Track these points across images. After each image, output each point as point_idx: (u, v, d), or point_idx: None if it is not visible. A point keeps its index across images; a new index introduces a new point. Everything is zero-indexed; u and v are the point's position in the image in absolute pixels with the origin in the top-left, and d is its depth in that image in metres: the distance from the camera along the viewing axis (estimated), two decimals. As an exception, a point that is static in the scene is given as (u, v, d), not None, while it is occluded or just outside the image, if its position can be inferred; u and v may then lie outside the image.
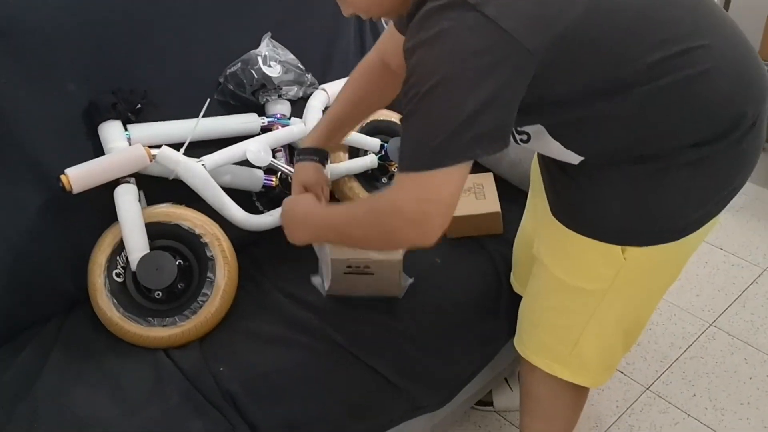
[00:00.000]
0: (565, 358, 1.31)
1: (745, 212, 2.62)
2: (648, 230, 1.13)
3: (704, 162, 1.06)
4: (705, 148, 1.05)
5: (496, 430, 1.86)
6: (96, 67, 1.47)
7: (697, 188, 1.09)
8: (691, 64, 1.00)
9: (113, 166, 1.40)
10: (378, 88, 1.35)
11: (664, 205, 1.10)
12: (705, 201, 1.12)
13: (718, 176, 1.10)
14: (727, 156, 1.08)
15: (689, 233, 1.14)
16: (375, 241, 1.08)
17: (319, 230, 1.19)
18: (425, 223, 0.97)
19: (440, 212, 0.97)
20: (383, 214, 1.01)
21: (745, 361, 2.04)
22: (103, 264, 1.42)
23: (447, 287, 1.54)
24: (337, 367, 1.37)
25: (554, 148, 1.10)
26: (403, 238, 1.02)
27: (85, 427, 1.24)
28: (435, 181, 0.94)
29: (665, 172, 1.07)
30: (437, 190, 0.95)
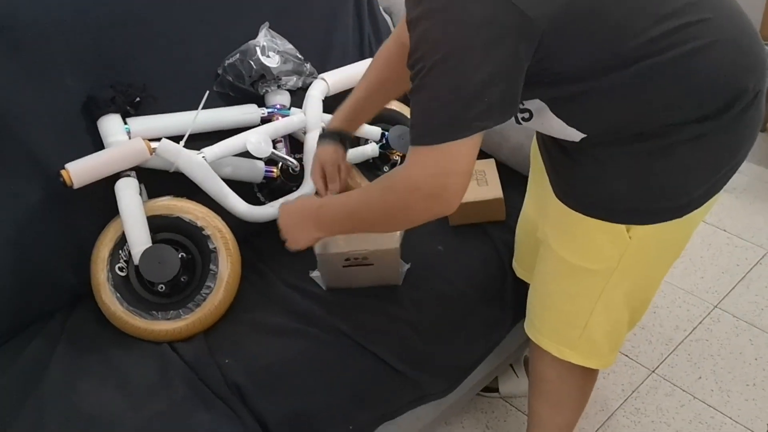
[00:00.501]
0: (574, 341, 1.31)
1: (748, 194, 2.61)
2: (653, 208, 1.13)
3: (706, 138, 1.06)
4: (707, 124, 1.05)
5: (503, 416, 1.87)
6: (94, 61, 1.46)
7: (700, 164, 1.09)
8: (692, 38, 0.99)
9: (113, 160, 1.40)
10: (398, 72, 1.35)
11: (667, 182, 1.10)
12: (708, 177, 1.12)
13: (721, 152, 1.10)
14: (728, 131, 1.08)
15: (693, 209, 1.14)
16: (394, 221, 1.09)
17: (333, 223, 1.19)
18: (444, 196, 0.99)
19: (458, 183, 0.98)
20: (400, 193, 1.02)
21: (750, 342, 2.04)
22: (106, 258, 1.42)
23: (450, 275, 1.54)
24: (342, 357, 1.37)
25: (556, 125, 1.10)
26: (424, 213, 1.03)
27: (93, 421, 1.24)
28: (450, 153, 0.95)
29: (668, 150, 1.07)
30: (453, 162, 0.96)
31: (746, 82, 1.06)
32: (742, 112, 1.07)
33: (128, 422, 1.23)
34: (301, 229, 1.23)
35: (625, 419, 1.84)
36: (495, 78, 0.93)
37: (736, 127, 1.08)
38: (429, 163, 0.97)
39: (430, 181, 0.98)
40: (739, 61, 1.05)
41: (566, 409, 1.49)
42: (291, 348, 1.37)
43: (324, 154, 1.40)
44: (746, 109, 1.07)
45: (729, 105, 1.05)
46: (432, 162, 0.97)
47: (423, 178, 0.98)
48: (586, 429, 1.81)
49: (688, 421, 1.83)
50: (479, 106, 0.93)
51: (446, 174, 0.97)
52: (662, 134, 1.06)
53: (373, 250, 1.38)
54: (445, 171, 0.97)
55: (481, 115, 0.94)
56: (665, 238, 1.19)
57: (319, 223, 1.21)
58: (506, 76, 0.94)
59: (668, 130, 1.05)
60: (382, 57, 1.38)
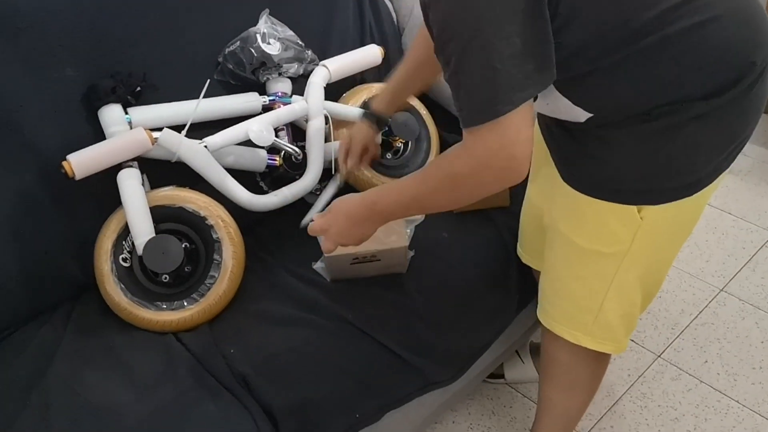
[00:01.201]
0: (589, 326, 1.31)
1: (752, 176, 2.60)
2: (663, 188, 1.13)
3: (714, 114, 1.06)
4: (714, 101, 1.04)
5: (508, 403, 1.87)
6: (94, 50, 1.45)
7: (708, 142, 1.09)
8: (699, 11, 0.99)
9: (115, 151, 1.39)
10: None
11: (677, 161, 1.10)
12: (717, 154, 1.11)
13: (728, 129, 1.10)
14: (735, 107, 1.07)
15: (703, 187, 1.14)
16: (465, 199, 1.10)
17: (392, 215, 1.19)
18: (514, 165, 0.99)
19: (525, 149, 0.98)
20: (471, 175, 1.02)
21: (757, 325, 2.03)
22: (109, 249, 1.41)
23: (455, 261, 1.53)
24: (348, 346, 1.37)
25: (562, 106, 1.10)
26: (497, 186, 1.04)
27: (99, 411, 1.24)
28: (507, 126, 0.96)
29: (676, 128, 1.06)
30: (513, 132, 0.96)
31: (753, 57, 1.05)
32: (749, 88, 1.06)
33: (134, 413, 1.23)
34: (358, 230, 1.21)
35: (632, 404, 1.84)
36: (528, 44, 0.93)
37: (742, 103, 1.08)
38: (490, 139, 0.97)
39: (500, 155, 0.98)
40: (746, 36, 1.04)
41: (578, 393, 1.49)
42: (296, 337, 1.37)
43: (357, 130, 1.53)
44: (752, 85, 1.07)
45: (736, 81, 1.04)
46: (493, 138, 0.97)
47: (490, 156, 0.99)
48: (593, 414, 1.81)
49: (694, 405, 1.83)
50: (519, 75, 0.94)
51: (511, 144, 0.97)
52: (670, 112, 1.05)
53: (383, 249, 1.38)
54: (510, 142, 0.97)
55: (524, 84, 0.95)
56: (677, 217, 1.19)
57: (376, 219, 1.20)
58: (538, 39, 0.95)
59: (675, 108, 1.05)
60: (421, 41, 1.39)
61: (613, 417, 1.81)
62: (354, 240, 1.22)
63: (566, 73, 1.03)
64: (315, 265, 1.50)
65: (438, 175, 1.08)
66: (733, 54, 1.03)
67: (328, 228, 1.22)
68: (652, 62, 1.01)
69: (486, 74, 0.94)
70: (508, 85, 0.94)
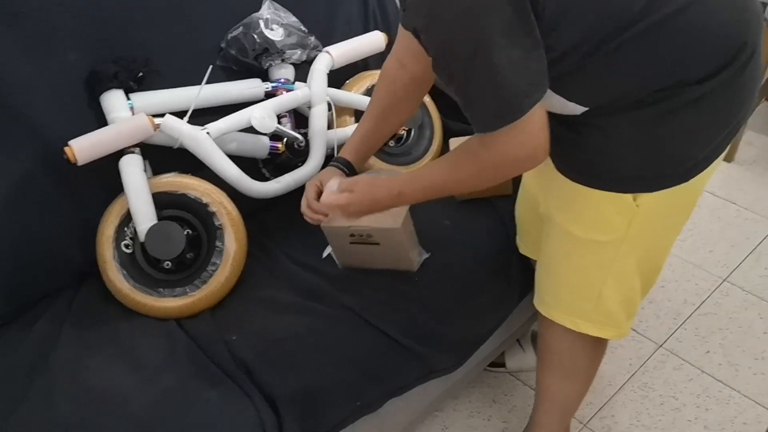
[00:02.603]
0: (589, 313, 1.31)
1: (757, 166, 2.58)
2: (658, 175, 1.13)
3: (706, 99, 1.06)
4: (706, 84, 1.05)
5: (510, 391, 1.87)
6: (96, 36, 1.44)
7: (702, 126, 1.09)
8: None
9: (117, 137, 1.38)
10: (403, 97, 1.38)
11: (671, 147, 1.10)
12: (711, 138, 1.12)
13: (722, 112, 1.10)
14: (727, 90, 1.07)
15: (698, 173, 1.14)
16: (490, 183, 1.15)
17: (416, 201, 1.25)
18: (538, 154, 1.06)
19: (545, 139, 1.05)
20: (500, 167, 1.09)
21: (759, 316, 2.03)
22: (112, 236, 1.41)
23: (457, 250, 1.53)
24: (350, 333, 1.37)
25: (556, 103, 1.10)
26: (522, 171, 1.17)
27: (102, 397, 1.24)
28: (529, 122, 1.01)
29: (669, 114, 1.06)
30: (535, 126, 1.02)
31: (745, 37, 1.05)
32: (740, 70, 1.06)
33: (136, 399, 1.24)
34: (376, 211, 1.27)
35: (633, 393, 1.84)
36: (525, 51, 0.97)
37: (735, 86, 1.08)
38: (517, 135, 1.02)
39: (525, 148, 1.05)
40: (734, 17, 1.04)
41: (576, 380, 1.49)
42: (298, 324, 1.37)
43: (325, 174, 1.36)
44: (743, 67, 1.06)
45: (726, 63, 1.04)
46: (519, 134, 1.02)
47: (518, 150, 1.05)
48: (594, 403, 1.82)
49: (696, 395, 1.83)
50: (524, 82, 0.98)
51: (534, 137, 1.04)
52: (663, 98, 1.05)
53: (377, 228, 1.37)
54: (532, 135, 1.03)
55: (529, 90, 0.99)
56: (673, 204, 1.19)
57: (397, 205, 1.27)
58: (532, 45, 0.97)
59: (669, 94, 1.05)
60: (385, 85, 1.38)
61: (614, 406, 1.81)
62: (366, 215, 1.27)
63: (558, 71, 1.04)
64: (326, 253, 1.50)
65: (467, 166, 1.13)
66: (722, 36, 1.04)
67: (348, 205, 1.26)
68: (640, 51, 1.01)
69: (492, 88, 0.98)
70: (515, 94, 0.98)
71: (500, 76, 0.96)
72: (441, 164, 1.17)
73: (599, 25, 1.00)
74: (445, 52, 1.00)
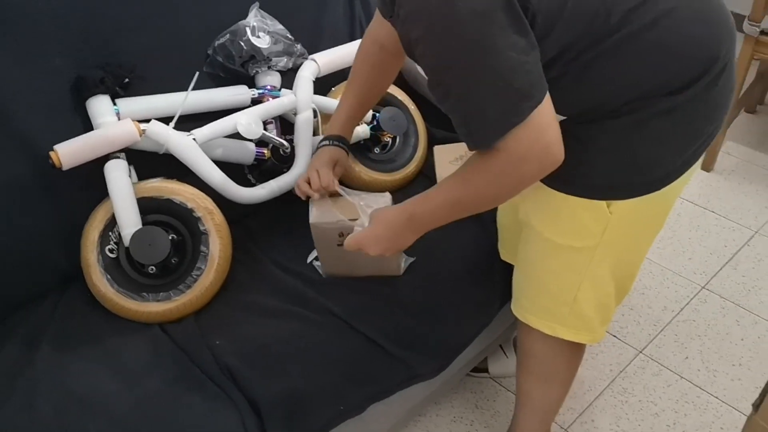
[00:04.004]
0: (564, 318, 1.33)
1: (735, 175, 2.62)
2: (632, 183, 1.16)
3: (679, 110, 1.08)
4: (679, 96, 1.07)
5: (492, 396, 1.89)
6: (83, 41, 1.45)
7: (674, 137, 1.12)
8: (654, 8, 1.02)
9: (103, 142, 1.39)
10: (381, 73, 1.42)
11: (644, 156, 1.13)
12: (684, 149, 1.14)
13: (694, 123, 1.12)
14: (699, 102, 1.10)
15: (671, 182, 1.17)
16: (509, 194, 1.11)
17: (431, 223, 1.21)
18: (553, 152, 1.03)
19: (556, 136, 1.02)
20: (511, 172, 1.05)
21: (737, 322, 2.06)
22: (96, 240, 1.41)
23: (441, 255, 1.54)
24: (333, 338, 1.38)
25: None
26: (539, 175, 1.07)
27: (85, 402, 1.24)
28: (535, 121, 0.99)
29: (643, 124, 1.09)
30: (542, 124, 1.00)
31: (715, 52, 1.08)
32: (712, 82, 1.09)
33: (119, 403, 1.24)
34: (397, 240, 1.24)
35: (613, 399, 1.86)
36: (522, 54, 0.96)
37: (707, 98, 1.10)
38: (525, 137, 1.00)
39: (536, 149, 1.02)
40: (706, 31, 1.07)
41: (555, 385, 1.51)
42: (282, 329, 1.38)
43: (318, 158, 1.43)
44: (716, 79, 1.09)
45: (699, 76, 1.07)
46: (527, 135, 1.00)
47: (529, 151, 1.01)
48: (575, 408, 1.84)
49: (674, 400, 1.85)
50: (525, 85, 0.97)
51: (543, 135, 1.01)
52: (637, 109, 1.08)
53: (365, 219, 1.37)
54: (541, 134, 1.01)
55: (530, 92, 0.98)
56: (646, 212, 1.21)
57: (416, 229, 1.22)
58: (530, 47, 0.98)
59: (642, 105, 1.07)
60: (364, 62, 1.42)
61: (594, 411, 1.83)
62: (395, 249, 1.25)
63: None
64: (310, 259, 1.51)
65: (478, 177, 1.09)
66: (694, 50, 1.06)
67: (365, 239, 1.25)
68: (616, 62, 1.04)
69: (492, 93, 0.97)
70: (516, 97, 0.97)
71: (501, 79, 0.96)
72: (450, 180, 1.13)
73: (580, 36, 1.02)
74: (442, 61, 0.99)
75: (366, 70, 1.43)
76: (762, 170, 2.65)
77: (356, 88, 1.46)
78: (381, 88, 1.50)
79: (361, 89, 1.46)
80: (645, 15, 1.02)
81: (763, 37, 2.35)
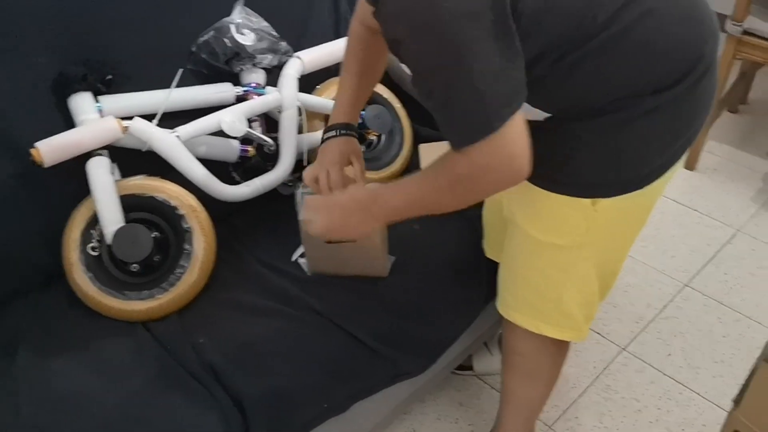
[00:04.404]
0: (549, 315, 1.33)
1: (719, 174, 2.65)
2: (615, 181, 1.16)
3: (663, 109, 1.09)
4: (663, 95, 1.08)
5: (476, 394, 1.89)
6: (65, 37, 1.44)
7: (658, 136, 1.12)
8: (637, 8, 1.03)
9: (85, 139, 1.38)
10: (375, 53, 1.38)
11: (627, 155, 1.13)
12: (666, 147, 1.15)
13: (677, 123, 1.13)
14: (683, 102, 1.11)
15: (654, 180, 1.17)
16: (472, 199, 1.11)
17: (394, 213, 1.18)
18: (516, 165, 1.02)
19: (525, 151, 1.01)
20: (473, 178, 1.04)
21: (719, 320, 2.08)
22: (78, 238, 1.40)
23: (426, 253, 1.55)
24: (318, 336, 1.38)
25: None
26: (502, 185, 1.06)
27: (67, 400, 1.23)
28: (505, 136, 0.98)
29: (627, 123, 1.09)
30: (514, 138, 1.00)
31: (698, 52, 1.08)
32: (696, 82, 1.10)
33: (102, 402, 1.23)
34: (357, 223, 1.21)
35: (597, 396, 1.87)
36: (505, 59, 0.96)
37: (690, 98, 1.11)
38: (497, 147, 0.99)
39: (505, 161, 1.01)
40: (690, 32, 1.08)
41: (540, 382, 1.52)
42: (266, 327, 1.37)
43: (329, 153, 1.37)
44: (699, 79, 1.10)
45: (682, 76, 1.08)
46: (495, 148, 0.99)
47: (497, 161, 1.01)
48: (559, 405, 1.85)
49: (657, 397, 1.87)
50: (505, 91, 0.97)
51: (514, 148, 1.01)
52: (621, 108, 1.08)
53: None
54: (513, 148, 1.00)
55: (510, 99, 0.98)
56: (630, 209, 1.22)
57: (377, 216, 1.20)
58: (513, 53, 0.97)
59: (626, 104, 1.08)
60: (357, 45, 1.38)
61: (578, 408, 1.84)
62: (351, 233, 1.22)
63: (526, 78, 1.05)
64: (295, 256, 1.51)
65: (441, 178, 1.09)
66: (678, 50, 1.07)
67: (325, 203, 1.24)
68: (602, 61, 1.04)
69: (474, 98, 0.96)
70: (497, 103, 0.96)
71: (482, 84, 0.95)
72: (418, 175, 1.13)
73: (567, 35, 1.02)
74: (425, 62, 0.98)
75: (360, 49, 1.38)
76: (744, 169, 2.67)
77: (354, 69, 1.39)
78: (378, 69, 1.42)
79: (359, 69, 1.39)
80: (631, 14, 1.02)
81: (745, 37, 2.37)
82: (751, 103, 3.04)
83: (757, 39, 2.36)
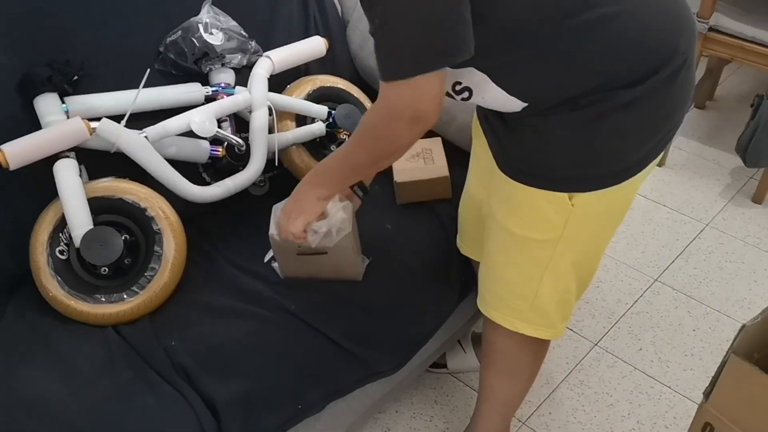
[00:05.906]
0: (525, 313, 1.34)
1: (686, 169, 2.68)
2: (592, 175, 1.17)
3: (638, 103, 1.10)
4: (637, 89, 1.09)
5: (451, 392, 1.90)
6: (29, 37, 1.41)
7: (634, 130, 1.13)
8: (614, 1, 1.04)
9: (51, 141, 1.36)
10: None
11: (604, 149, 1.14)
12: (643, 142, 1.16)
13: (654, 118, 1.14)
14: (659, 96, 1.12)
15: (632, 176, 1.18)
16: (385, 153, 1.17)
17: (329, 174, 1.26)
18: (423, 117, 1.07)
19: (435, 106, 1.06)
20: (384, 125, 1.10)
21: (689, 314, 2.11)
22: (45, 242, 1.38)
23: (398, 253, 1.55)
24: (290, 336, 1.37)
25: (499, 96, 1.13)
26: (409, 137, 1.11)
27: (34, 407, 1.21)
28: (421, 84, 1.02)
29: (603, 117, 1.10)
30: (426, 89, 1.03)
31: (673, 46, 1.10)
32: (672, 76, 1.10)
33: (71, 408, 1.22)
34: (303, 201, 1.28)
35: (570, 391, 1.89)
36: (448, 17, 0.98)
37: (666, 92, 1.12)
38: (404, 93, 1.04)
39: (411, 108, 1.05)
40: (666, 25, 1.09)
41: (519, 379, 1.52)
42: (238, 329, 1.37)
43: None
44: (676, 73, 1.11)
45: (657, 69, 1.09)
46: (407, 93, 1.04)
47: (402, 108, 1.05)
48: (532, 401, 1.86)
49: (629, 391, 1.89)
50: (437, 43, 0.99)
51: (422, 99, 1.04)
52: (597, 101, 1.09)
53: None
54: (421, 97, 1.04)
55: (440, 52, 1.00)
56: (607, 205, 1.23)
57: (315, 183, 1.28)
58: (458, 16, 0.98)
59: (602, 97, 1.09)
60: None
61: (551, 404, 1.86)
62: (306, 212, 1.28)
63: (502, 58, 1.07)
64: (267, 258, 1.50)
65: (359, 131, 1.17)
66: (654, 42, 1.08)
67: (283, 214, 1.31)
68: (576, 46, 1.05)
69: (407, 36, 0.99)
70: (426, 49, 0.99)
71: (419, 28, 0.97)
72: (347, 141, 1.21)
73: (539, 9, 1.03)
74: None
75: None
76: (711, 164, 2.71)
77: None
78: None
79: None
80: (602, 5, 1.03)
81: (711, 33, 2.41)
82: (718, 100, 3.08)
83: (723, 36, 2.40)
